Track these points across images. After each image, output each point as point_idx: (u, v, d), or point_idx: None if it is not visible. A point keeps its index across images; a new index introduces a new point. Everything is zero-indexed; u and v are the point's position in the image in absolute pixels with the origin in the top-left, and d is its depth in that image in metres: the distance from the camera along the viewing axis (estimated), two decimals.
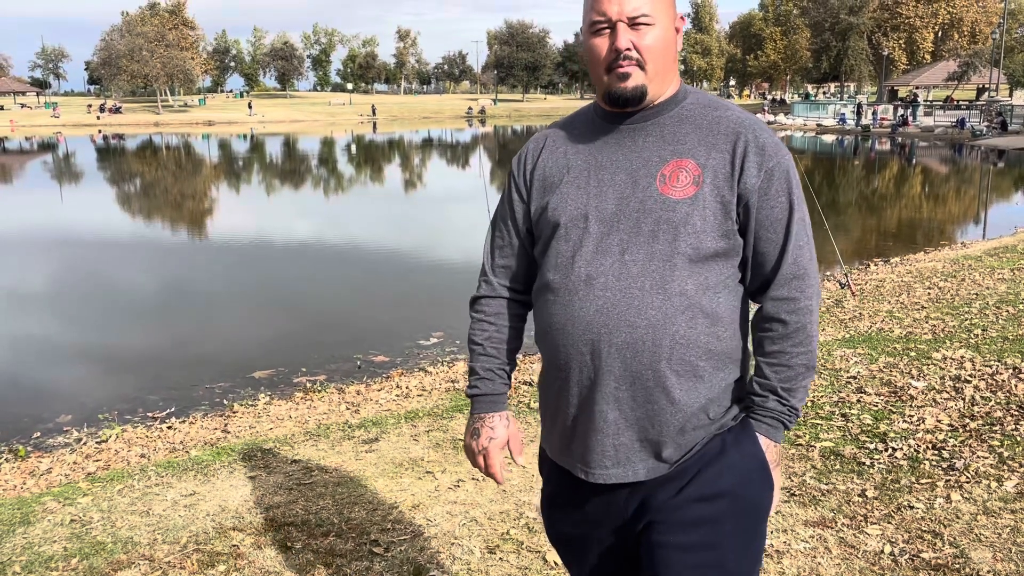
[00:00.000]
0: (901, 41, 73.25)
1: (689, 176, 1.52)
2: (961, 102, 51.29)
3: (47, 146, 44.46)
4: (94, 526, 3.41)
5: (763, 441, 1.59)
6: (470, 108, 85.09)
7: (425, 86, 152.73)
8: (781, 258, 1.55)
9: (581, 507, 1.67)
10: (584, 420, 1.58)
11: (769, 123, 51.41)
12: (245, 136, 52.58)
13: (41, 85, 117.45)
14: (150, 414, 5.80)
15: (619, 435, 1.56)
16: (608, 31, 1.53)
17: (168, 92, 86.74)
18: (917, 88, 57.86)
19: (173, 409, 5.87)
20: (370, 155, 38.35)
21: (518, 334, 1.79)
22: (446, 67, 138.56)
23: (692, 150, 1.53)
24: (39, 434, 5.48)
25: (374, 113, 75.05)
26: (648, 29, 1.52)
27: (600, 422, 1.56)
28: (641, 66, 1.52)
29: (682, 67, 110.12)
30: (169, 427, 5.34)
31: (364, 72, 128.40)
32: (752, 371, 1.65)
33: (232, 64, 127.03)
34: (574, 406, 1.59)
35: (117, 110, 74.07)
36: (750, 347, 1.65)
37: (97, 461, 4.61)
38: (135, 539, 3.26)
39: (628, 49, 1.51)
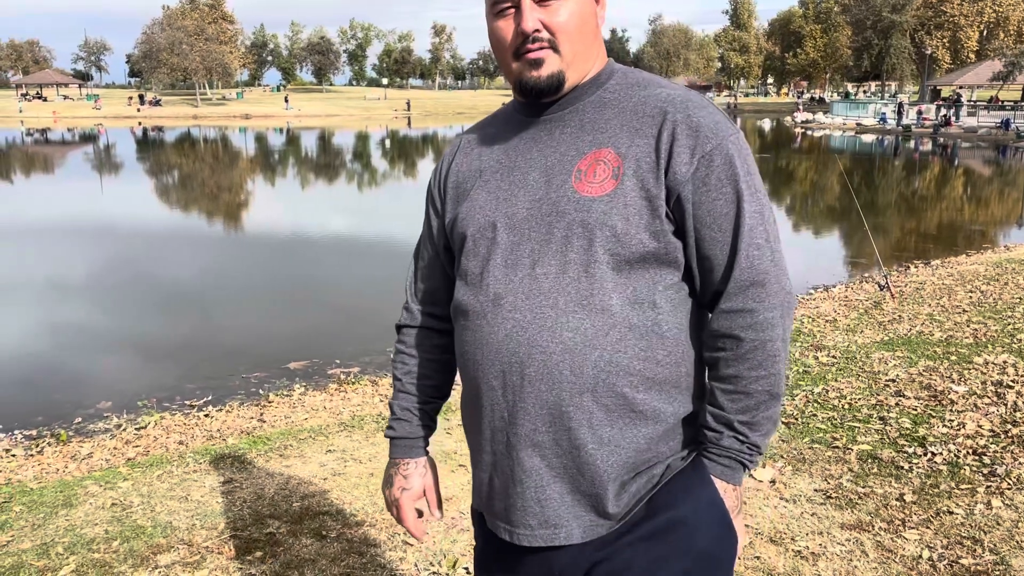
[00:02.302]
0: (945, 40, 71.92)
1: (608, 169, 1.27)
2: (1006, 103, 50.22)
3: (88, 137, 45.29)
4: (134, 510, 3.48)
5: (719, 485, 1.31)
6: (504, 104, 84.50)
7: (460, 81, 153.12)
8: (732, 261, 1.26)
9: (512, 572, 1.41)
10: (502, 468, 1.33)
11: (805, 121, 50.85)
12: (281, 130, 53.10)
13: (83, 77, 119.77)
14: (188, 402, 5.89)
15: (543, 487, 1.30)
16: (512, 11, 1.29)
17: (207, 85, 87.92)
18: (960, 88, 56.74)
19: (210, 397, 5.96)
20: (404, 150, 38.54)
21: (443, 367, 1.55)
22: (481, 63, 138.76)
23: (613, 138, 1.28)
24: (80, 419, 5.59)
25: (409, 108, 75.41)
26: (559, 4, 1.27)
27: (519, 472, 1.30)
28: (555, 48, 1.28)
29: (719, 64, 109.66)
30: (206, 415, 5.42)
31: (399, 67, 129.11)
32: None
33: (269, 58, 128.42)
34: (488, 452, 1.35)
35: (157, 103, 75.27)
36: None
37: (136, 447, 4.70)
38: (174, 524, 3.32)
39: (537, 31, 1.27)
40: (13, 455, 4.76)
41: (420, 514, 1.56)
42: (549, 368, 1.25)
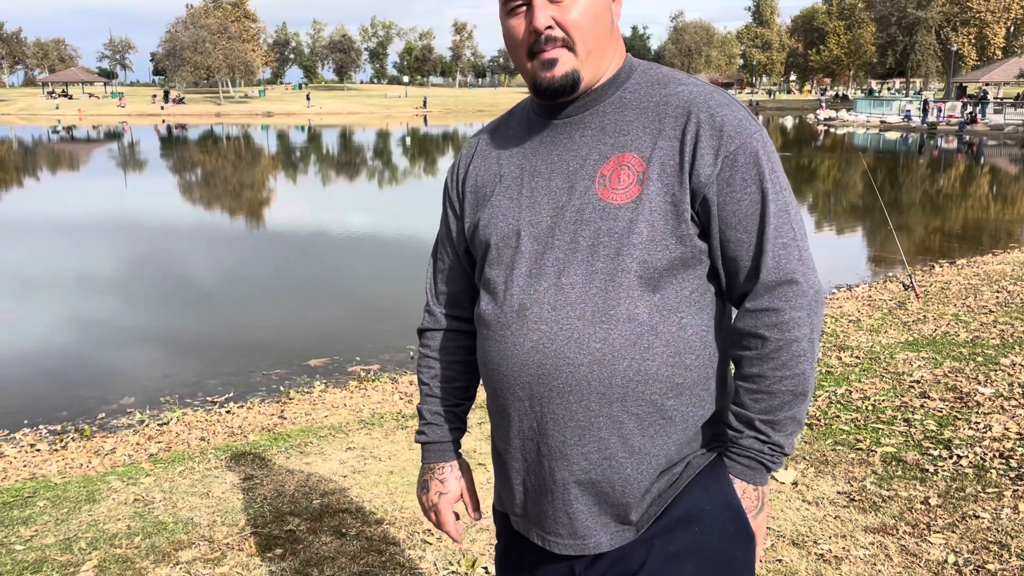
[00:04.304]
0: (971, 36, 71.02)
1: (632, 174, 1.24)
2: None
3: (113, 135, 45.75)
4: (156, 506, 3.50)
5: (738, 485, 1.30)
6: (520, 101, 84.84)
7: (480, 79, 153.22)
8: (758, 263, 1.23)
9: (533, 571, 1.42)
10: (532, 479, 1.34)
11: (828, 119, 50.37)
12: (303, 127, 53.38)
13: (108, 75, 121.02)
14: (209, 398, 5.93)
15: (571, 501, 1.30)
16: (524, 9, 1.26)
17: (229, 83, 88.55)
18: (987, 85, 55.99)
19: (231, 394, 6.00)
20: (424, 148, 38.61)
21: (470, 368, 1.53)
22: (501, 60, 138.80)
23: (636, 141, 1.26)
24: (104, 415, 5.65)
25: (425, 105, 75.51)
26: (571, 1, 1.25)
27: (549, 483, 1.31)
28: (569, 47, 1.25)
29: (741, 62, 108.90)
30: (228, 412, 5.45)
31: (420, 65, 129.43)
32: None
33: (291, 56, 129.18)
34: (519, 460, 1.35)
35: (180, 100, 75.90)
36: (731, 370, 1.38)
37: (159, 443, 4.73)
38: (195, 520, 3.33)
39: (550, 28, 1.24)
40: (38, 450, 4.82)
41: (457, 517, 1.56)
42: (577, 380, 1.24)
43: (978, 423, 4.05)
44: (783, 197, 1.26)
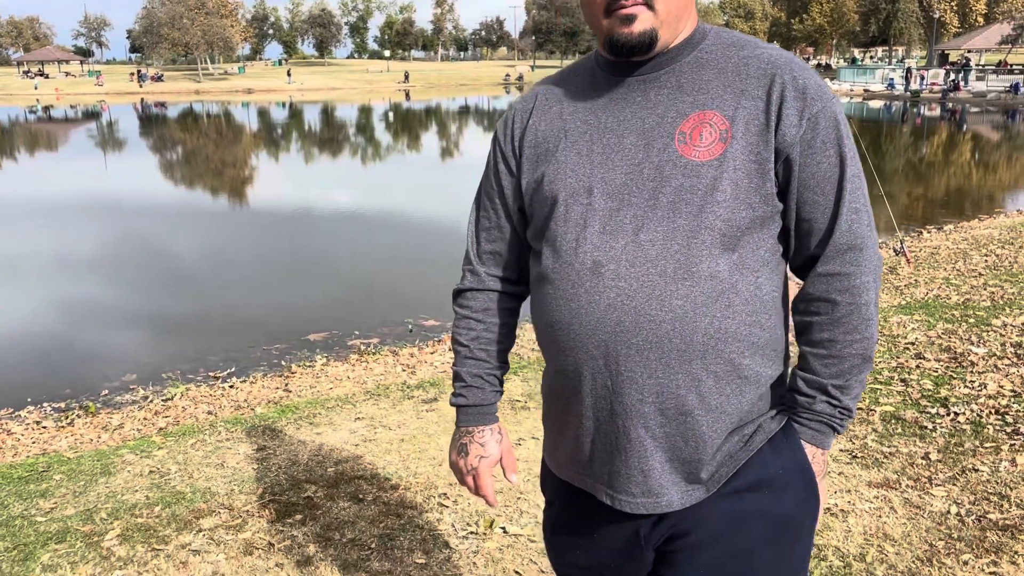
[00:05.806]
0: (953, 3, 70.96)
1: (715, 132, 1.24)
2: (1015, 66, 49.70)
3: (92, 114, 45.16)
4: (172, 477, 3.55)
5: (809, 449, 1.34)
6: (507, 75, 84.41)
7: (462, 52, 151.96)
8: (833, 225, 1.26)
9: (593, 533, 1.42)
10: (605, 436, 1.33)
11: None
12: (284, 104, 52.87)
13: (84, 54, 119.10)
14: (211, 374, 5.96)
15: (646, 458, 1.30)
16: None
17: (208, 60, 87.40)
18: (969, 52, 56.11)
19: (233, 369, 6.03)
20: (408, 124, 38.38)
21: (510, 331, 1.53)
22: (483, 33, 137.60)
23: (717, 100, 1.26)
24: (107, 391, 5.67)
25: (407, 80, 74.84)
26: None
27: (623, 441, 1.30)
28: (649, 5, 1.23)
29: None
30: (231, 386, 5.49)
31: (401, 39, 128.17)
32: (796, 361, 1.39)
33: (271, 32, 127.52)
34: (590, 419, 1.33)
35: (159, 78, 74.90)
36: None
37: (166, 417, 4.77)
38: (213, 489, 3.39)
39: None
40: (44, 427, 4.85)
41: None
42: (659, 337, 1.24)
43: (973, 381, 4.15)
44: (856, 163, 1.29)
